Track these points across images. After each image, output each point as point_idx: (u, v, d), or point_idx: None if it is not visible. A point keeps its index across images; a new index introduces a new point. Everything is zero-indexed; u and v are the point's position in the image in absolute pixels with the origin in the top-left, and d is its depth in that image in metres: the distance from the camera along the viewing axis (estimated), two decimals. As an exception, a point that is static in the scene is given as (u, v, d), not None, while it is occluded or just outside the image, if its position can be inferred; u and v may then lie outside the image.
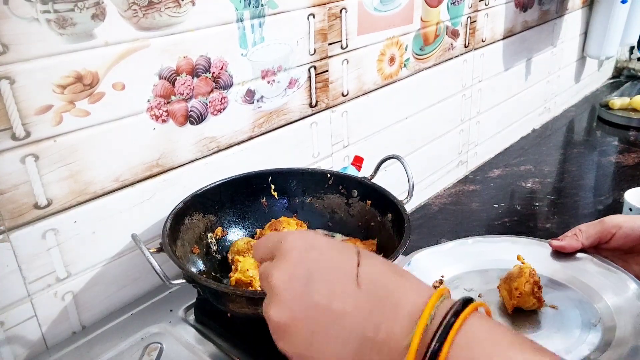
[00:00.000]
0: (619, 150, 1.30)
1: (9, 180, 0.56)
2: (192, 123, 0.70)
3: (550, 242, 0.72)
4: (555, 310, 0.64)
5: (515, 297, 0.63)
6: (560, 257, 0.71)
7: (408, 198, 0.70)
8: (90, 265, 0.66)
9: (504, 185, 1.15)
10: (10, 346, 0.60)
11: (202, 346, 0.62)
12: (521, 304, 0.63)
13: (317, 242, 0.40)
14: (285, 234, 0.42)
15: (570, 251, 0.70)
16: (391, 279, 0.38)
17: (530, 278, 0.63)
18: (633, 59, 1.94)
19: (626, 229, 0.67)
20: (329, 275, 0.38)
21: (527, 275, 0.63)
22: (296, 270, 0.38)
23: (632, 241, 0.67)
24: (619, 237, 0.67)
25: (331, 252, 0.40)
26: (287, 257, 0.40)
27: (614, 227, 0.68)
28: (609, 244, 0.69)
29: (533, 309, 0.64)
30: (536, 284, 0.63)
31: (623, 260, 0.69)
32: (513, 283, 0.63)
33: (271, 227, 0.70)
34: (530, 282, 0.62)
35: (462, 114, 1.23)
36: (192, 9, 0.66)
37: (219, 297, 0.56)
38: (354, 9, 0.87)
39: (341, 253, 0.40)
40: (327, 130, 0.90)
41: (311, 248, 0.40)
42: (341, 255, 0.39)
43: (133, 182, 0.67)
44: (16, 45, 0.53)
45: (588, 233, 0.69)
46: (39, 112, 0.56)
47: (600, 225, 0.69)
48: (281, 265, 0.39)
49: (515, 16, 1.29)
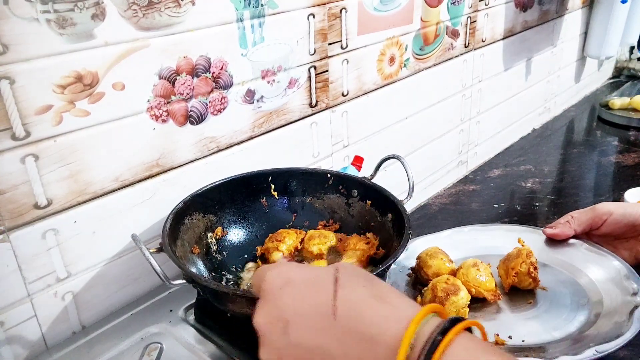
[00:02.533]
0: (619, 150, 1.30)
1: (9, 180, 0.56)
2: (192, 123, 0.70)
3: (544, 230, 0.75)
4: (547, 291, 0.67)
5: (511, 276, 0.67)
6: (554, 243, 0.74)
7: (408, 198, 0.70)
8: (90, 265, 0.66)
9: (504, 185, 1.15)
10: (10, 346, 0.60)
11: (202, 346, 0.62)
12: (517, 283, 0.67)
13: (293, 275, 0.40)
14: (264, 272, 0.42)
15: (563, 238, 0.73)
16: (370, 307, 0.37)
17: (527, 259, 0.67)
18: (633, 59, 1.94)
19: (616, 215, 0.70)
20: (304, 314, 0.38)
21: (524, 256, 0.67)
22: (273, 313, 0.39)
23: (622, 227, 0.70)
24: (610, 224, 0.70)
25: (306, 286, 0.39)
26: (265, 298, 0.40)
27: (605, 214, 0.70)
28: (600, 230, 0.71)
29: (529, 289, 0.67)
30: (532, 264, 0.66)
31: (613, 246, 0.72)
32: (510, 263, 0.67)
33: (271, 239, 0.70)
34: (527, 262, 0.66)
35: (462, 114, 1.23)
36: (192, 9, 0.66)
37: (219, 297, 0.56)
38: (354, 9, 0.87)
39: (316, 285, 0.39)
40: (327, 130, 0.90)
41: (286, 285, 0.40)
42: (316, 288, 0.39)
43: (133, 182, 0.67)
44: (16, 45, 0.53)
45: (580, 220, 0.72)
46: (39, 112, 0.56)
47: (591, 212, 0.71)
48: (262, 307, 0.40)
49: (515, 16, 1.29)
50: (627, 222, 0.69)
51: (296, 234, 0.71)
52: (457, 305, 0.61)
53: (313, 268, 0.42)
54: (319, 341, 0.36)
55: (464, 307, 0.62)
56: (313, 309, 0.38)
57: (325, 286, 0.38)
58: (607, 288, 0.64)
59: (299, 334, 0.37)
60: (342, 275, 0.39)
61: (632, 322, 0.56)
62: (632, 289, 0.61)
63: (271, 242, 0.70)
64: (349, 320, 0.36)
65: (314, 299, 0.38)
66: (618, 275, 0.65)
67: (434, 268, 0.68)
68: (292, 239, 0.70)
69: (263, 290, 0.41)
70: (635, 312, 0.57)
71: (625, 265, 0.65)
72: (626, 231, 0.70)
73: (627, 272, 0.64)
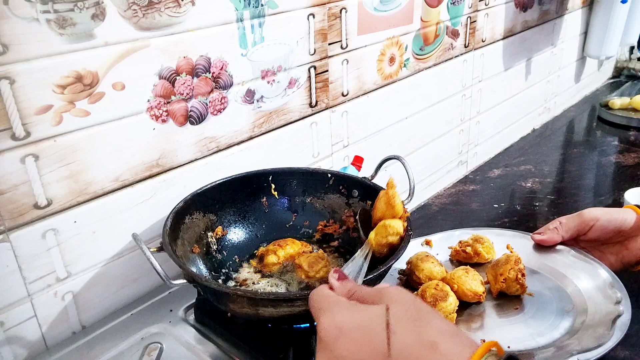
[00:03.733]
0: (619, 150, 1.30)
1: (9, 180, 0.56)
2: (192, 123, 0.70)
3: (532, 236, 0.75)
4: (534, 297, 0.68)
5: (499, 282, 0.67)
6: (542, 249, 0.75)
7: (409, 198, 0.70)
8: (90, 265, 0.66)
9: (504, 185, 1.15)
10: (10, 346, 0.60)
11: (202, 346, 0.62)
12: (505, 289, 0.68)
13: (344, 325, 0.42)
14: (319, 315, 0.44)
15: (551, 244, 0.73)
16: (423, 353, 0.38)
17: (515, 265, 0.67)
18: (633, 59, 1.94)
19: (603, 221, 0.71)
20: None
21: (513, 262, 0.68)
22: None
23: (609, 233, 0.71)
24: (597, 229, 0.71)
25: (359, 335, 0.41)
26: (323, 346, 0.42)
27: (592, 220, 0.71)
28: (587, 235, 0.72)
29: (516, 295, 0.68)
30: (520, 271, 0.67)
31: (600, 251, 0.73)
32: (499, 269, 0.67)
33: (274, 244, 0.70)
34: (515, 269, 0.67)
35: (462, 114, 1.23)
36: (192, 9, 0.66)
37: (219, 297, 0.56)
38: (354, 9, 0.87)
39: (368, 334, 0.40)
40: (327, 130, 0.90)
41: (340, 335, 0.41)
42: (369, 337, 0.40)
43: (133, 182, 0.67)
44: (16, 45, 0.53)
45: (568, 226, 0.73)
46: (39, 112, 0.56)
47: (579, 218, 0.72)
48: (321, 355, 0.42)
49: (515, 16, 1.29)
50: (614, 227, 0.70)
51: (301, 245, 0.71)
52: (445, 311, 0.62)
53: (363, 311, 0.43)
54: None
55: (452, 312, 0.63)
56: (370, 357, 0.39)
57: (377, 335, 0.40)
58: (592, 296, 0.64)
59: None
60: (392, 319, 0.40)
61: (613, 331, 0.56)
62: (616, 298, 0.62)
63: (272, 245, 0.70)
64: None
65: (368, 350, 0.40)
66: (603, 283, 0.65)
67: (425, 272, 0.69)
68: (293, 248, 0.70)
69: (319, 338, 0.42)
70: (617, 321, 0.58)
71: (610, 274, 0.66)
72: (612, 236, 0.71)
73: (612, 281, 0.65)
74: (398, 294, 0.43)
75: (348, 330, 0.41)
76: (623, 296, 0.62)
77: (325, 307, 0.44)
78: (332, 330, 0.42)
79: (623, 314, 0.59)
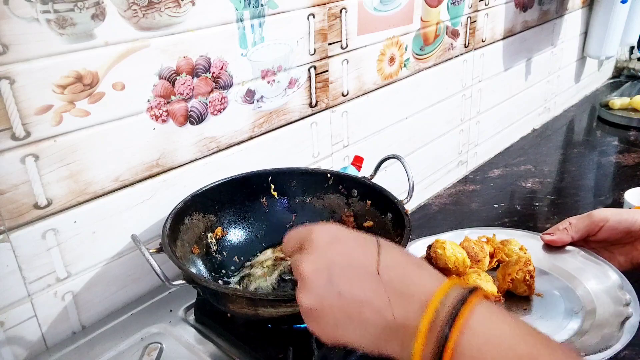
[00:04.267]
0: (619, 150, 1.30)
1: (9, 180, 0.56)
2: (192, 123, 0.70)
3: (542, 237, 0.75)
4: (543, 297, 0.68)
5: (507, 282, 0.67)
6: (551, 249, 0.75)
7: (408, 198, 0.70)
8: (90, 266, 0.66)
9: (504, 185, 1.15)
10: (10, 346, 0.60)
11: (202, 346, 0.62)
12: (513, 289, 0.68)
13: (340, 234, 0.45)
14: (313, 228, 0.46)
15: (560, 245, 0.73)
16: (408, 268, 0.42)
17: (524, 267, 0.67)
18: (633, 59, 1.94)
19: (613, 222, 0.71)
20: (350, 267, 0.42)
21: (522, 264, 0.67)
22: (321, 262, 0.43)
23: (619, 233, 0.71)
24: (606, 230, 0.71)
25: (353, 244, 0.44)
26: (313, 249, 0.44)
27: (602, 221, 0.71)
28: (597, 236, 0.72)
29: (525, 295, 0.68)
30: (529, 272, 0.67)
31: (609, 251, 0.73)
32: (508, 269, 0.67)
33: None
34: (523, 270, 0.67)
35: (462, 114, 1.23)
36: (192, 9, 0.66)
37: (219, 298, 0.56)
38: (354, 9, 0.87)
39: (362, 245, 0.44)
40: (327, 130, 0.90)
41: (335, 241, 0.44)
42: (362, 247, 0.43)
43: (133, 182, 0.67)
44: (16, 45, 0.53)
45: (577, 227, 0.73)
46: (39, 112, 0.56)
47: (588, 218, 0.72)
48: (309, 257, 0.44)
49: (515, 16, 1.29)
50: (624, 228, 0.70)
51: None
52: None
53: (357, 233, 0.46)
54: (361, 293, 0.41)
55: None
56: (359, 264, 0.42)
57: (370, 247, 0.43)
58: (600, 297, 0.64)
59: (343, 284, 0.41)
60: (382, 242, 0.44)
61: (622, 333, 0.56)
62: (625, 300, 0.61)
63: None
64: (391, 277, 0.41)
65: (359, 256, 0.43)
66: (612, 285, 0.65)
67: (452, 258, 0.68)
68: None
69: (311, 242, 0.44)
70: (626, 324, 0.58)
71: (620, 275, 0.66)
72: (622, 237, 0.71)
73: (622, 282, 0.65)
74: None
75: (343, 239, 0.44)
76: (632, 298, 0.61)
77: (318, 224, 0.47)
78: (326, 236, 0.44)
79: (632, 315, 0.59)
